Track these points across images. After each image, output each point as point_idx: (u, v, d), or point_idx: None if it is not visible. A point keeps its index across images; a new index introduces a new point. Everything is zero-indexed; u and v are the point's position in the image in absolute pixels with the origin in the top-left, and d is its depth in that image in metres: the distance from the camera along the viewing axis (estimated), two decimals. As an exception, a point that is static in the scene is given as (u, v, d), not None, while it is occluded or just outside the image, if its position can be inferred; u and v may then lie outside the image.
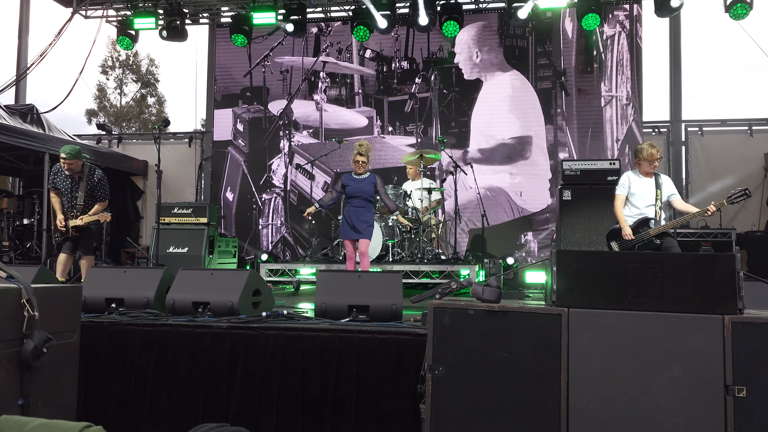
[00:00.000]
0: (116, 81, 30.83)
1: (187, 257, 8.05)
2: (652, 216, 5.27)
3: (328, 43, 10.39)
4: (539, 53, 9.68)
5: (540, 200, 9.52)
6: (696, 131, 9.59)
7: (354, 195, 6.08)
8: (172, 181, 10.59)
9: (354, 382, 3.34)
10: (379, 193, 6.15)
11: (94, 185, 6.10)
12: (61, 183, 6.08)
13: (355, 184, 6.11)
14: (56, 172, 6.11)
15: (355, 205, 6.08)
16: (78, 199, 6.00)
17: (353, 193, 6.09)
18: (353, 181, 6.13)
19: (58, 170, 6.10)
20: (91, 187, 6.07)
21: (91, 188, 6.08)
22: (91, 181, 6.08)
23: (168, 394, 3.53)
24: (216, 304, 3.92)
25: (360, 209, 6.06)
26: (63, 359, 2.63)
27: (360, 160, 6.06)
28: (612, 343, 2.44)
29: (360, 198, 6.06)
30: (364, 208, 6.08)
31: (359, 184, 6.09)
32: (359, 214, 6.05)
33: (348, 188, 6.12)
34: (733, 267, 2.42)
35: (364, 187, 6.07)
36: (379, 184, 6.12)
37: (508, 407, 2.49)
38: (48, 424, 1.10)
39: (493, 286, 2.78)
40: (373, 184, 6.09)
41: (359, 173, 6.11)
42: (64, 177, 6.06)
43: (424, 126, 9.92)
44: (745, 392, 2.30)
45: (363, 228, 6.03)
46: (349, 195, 6.12)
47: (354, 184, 6.11)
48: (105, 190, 6.18)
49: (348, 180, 6.16)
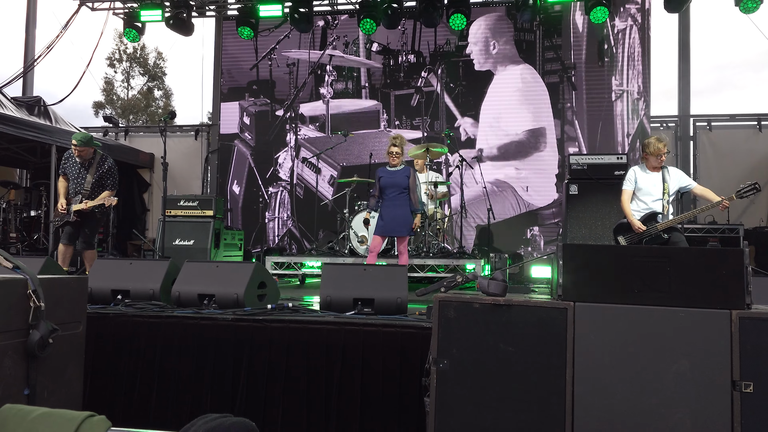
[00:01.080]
0: (123, 74, 30.90)
1: (193, 250, 8.07)
2: (659, 210, 5.24)
3: (335, 36, 10.36)
4: (547, 47, 9.62)
5: (547, 195, 9.49)
6: (704, 126, 9.52)
7: (388, 187, 5.99)
8: (178, 173, 10.61)
9: (359, 375, 3.34)
10: (409, 186, 5.99)
11: (104, 173, 6.11)
12: (70, 168, 6.11)
13: (389, 176, 6.02)
14: (67, 157, 6.16)
15: (389, 198, 5.97)
16: (86, 184, 6.01)
17: (387, 185, 5.99)
18: (387, 173, 6.05)
19: (68, 156, 6.15)
20: (100, 175, 6.08)
21: (101, 176, 6.08)
22: (102, 169, 6.10)
23: (174, 385, 3.54)
24: (221, 296, 3.92)
25: (394, 202, 5.95)
26: (69, 350, 2.64)
27: (393, 151, 5.97)
28: (618, 338, 2.43)
29: (394, 190, 5.96)
30: (398, 200, 5.95)
31: (393, 176, 6.00)
32: (395, 209, 5.93)
33: (382, 180, 6.03)
34: (741, 262, 2.40)
35: (398, 179, 5.97)
36: (412, 176, 6.01)
37: (513, 401, 2.48)
38: (51, 413, 1.10)
39: (498, 279, 2.77)
40: (407, 177, 5.97)
41: (393, 165, 6.03)
42: (74, 163, 6.09)
43: (430, 120, 9.89)
44: (752, 387, 2.29)
45: (401, 226, 5.92)
46: (383, 187, 6.02)
47: (388, 176, 6.03)
48: (114, 179, 6.18)
49: (382, 172, 6.09)
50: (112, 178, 6.16)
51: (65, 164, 6.14)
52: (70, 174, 6.10)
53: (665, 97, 10.26)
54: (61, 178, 6.16)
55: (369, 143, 9.95)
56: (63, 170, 6.15)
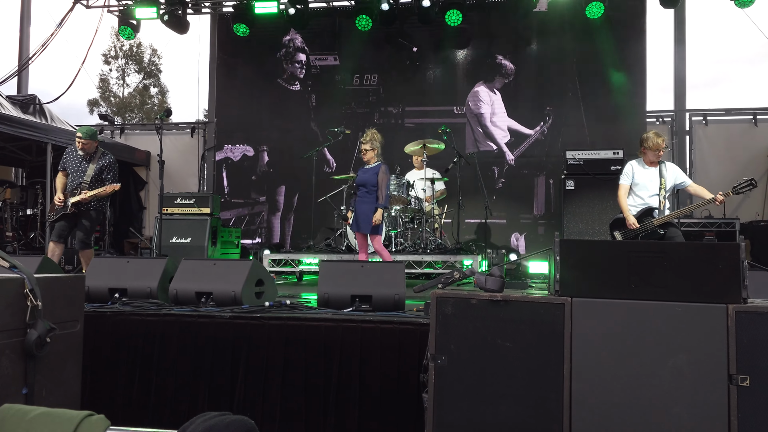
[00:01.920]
0: (119, 71, 30.81)
1: (190, 247, 8.06)
2: (655, 206, 5.25)
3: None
4: (545, 43, 9.61)
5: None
6: (700, 120, 9.54)
7: (360, 185, 5.97)
8: (174, 171, 10.59)
9: (357, 372, 3.34)
10: (378, 183, 5.86)
11: (104, 166, 6.12)
12: (69, 162, 6.10)
13: (362, 174, 6.01)
14: (68, 152, 6.17)
15: (359, 196, 5.97)
16: (86, 177, 6.01)
17: (359, 183, 5.97)
18: (361, 171, 6.05)
19: (69, 151, 6.16)
20: (100, 168, 6.09)
21: (100, 169, 6.09)
22: (102, 162, 6.11)
23: (172, 383, 3.54)
24: (219, 294, 3.92)
25: (363, 199, 5.91)
26: (67, 349, 2.64)
27: (362, 148, 5.97)
28: (615, 333, 2.44)
29: (363, 188, 5.93)
30: (366, 198, 5.90)
31: (364, 174, 5.97)
32: (361, 205, 5.91)
33: (357, 178, 6.05)
34: (737, 256, 2.41)
35: (368, 176, 5.92)
36: (381, 173, 5.87)
37: (511, 396, 2.49)
38: (50, 413, 1.10)
39: (495, 275, 2.78)
40: (376, 174, 5.88)
41: (366, 162, 6.01)
42: (75, 157, 6.10)
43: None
44: (749, 381, 2.30)
45: (363, 223, 5.87)
46: (356, 185, 6.01)
47: (361, 174, 6.02)
48: (114, 173, 6.20)
49: (359, 170, 6.10)
50: (113, 171, 6.17)
51: (65, 159, 6.14)
52: (69, 168, 6.08)
53: (661, 91, 10.26)
54: (60, 173, 6.14)
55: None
56: (62, 166, 6.13)
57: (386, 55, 10.11)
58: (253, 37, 9.96)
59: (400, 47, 10.01)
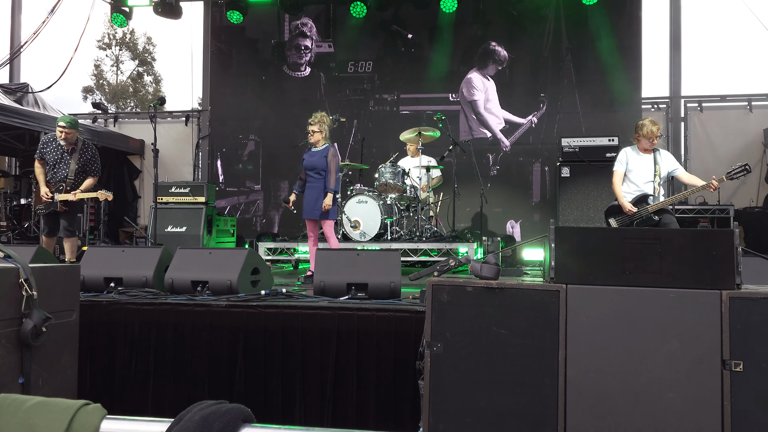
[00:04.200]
0: (112, 59, 30.59)
1: (186, 236, 8.05)
2: (650, 192, 5.26)
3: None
4: (540, 29, 9.57)
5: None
6: (695, 107, 9.54)
7: (307, 168, 5.76)
8: (169, 160, 10.55)
9: (353, 359, 3.36)
10: (327, 167, 5.64)
11: (88, 159, 6.03)
12: (49, 154, 5.94)
13: (309, 157, 5.78)
14: (47, 142, 5.97)
15: (308, 180, 5.75)
16: (69, 173, 5.91)
17: (307, 167, 5.76)
18: (308, 155, 5.82)
19: (49, 140, 5.97)
20: (84, 162, 5.99)
21: (84, 162, 6.00)
22: (85, 155, 6.01)
23: (169, 372, 3.55)
24: (215, 282, 3.93)
25: (312, 185, 5.72)
26: (63, 338, 2.64)
27: (309, 129, 5.76)
28: (610, 319, 2.45)
29: (312, 172, 5.71)
30: (315, 183, 5.69)
31: (312, 158, 5.75)
32: (310, 191, 5.72)
33: (304, 162, 5.81)
34: (731, 242, 2.42)
35: (316, 160, 5.71)
36: (330, 156, 5.67)
37: (506, 383, 2.51)
38: (46, 402, 1.10)
39: (491, 263, 2.78)
40: (325, 157, 5.67)
41: (313, 144, 5.79)
42: (55, 147, 5.94)
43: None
44: (742, 366, 2.32)
45: (312, 209, 5.70)
46: (304, 168, 5.79)
47: (308, 157, 5.79)
48: (97, 165, 6.12)
49: (306, 153, 5.86)
50: (96, 164, 6.09)
51: (44, 149, 5.95)
52: (49, 159, 5.93)
53: (657, 78, 10.25)
54: (37, 162, 5.95)
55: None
56: (41, 155, 5.94)
57: (381, 42, 10.05)
58: (247, 24, 9.88)
59: (395, 34, 9.96)
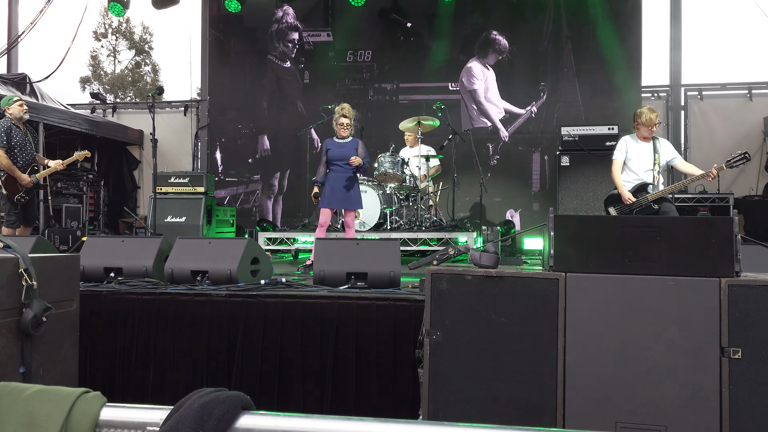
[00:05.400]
0: (109, 48, 30.45)
1: (185, 226, 8.04)
2: (650, 181, 5.25)
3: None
4: (540, 18, 9.52)
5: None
6: (695, 95, 9.51)
7: (336, 160, 5.78)
8: (168, 150, 10.52)
9: (353, 348, 3.37)
10: (367, 158, 5.87)
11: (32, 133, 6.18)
12: (16, 138, 5.88)
13: (337, 148, 5.81)
14: (9, 127, 5.85)
15: (336, 171, 5.78)
16: (34, 148, 6.07)
17: (335, 158, 5.78)
18: (335, 146, 5.83)
19: (10, 126, 5.85)
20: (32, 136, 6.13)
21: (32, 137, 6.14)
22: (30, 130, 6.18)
23: (169, 361, 3.56)
24: (214, 272, 3.93)
25: (342, 175, 5.77)
26: (63, 328, 2.65)
27: (344, 122, 5.79)
28: (609, 307, 2.46)
29: (342, 163, 5.76)
30: (345, 173, 5.78)
31: (342, 149, 5.79)
32: (341, 181, 5.76)
33: (330, 152, 5.81)
34: (730, 230, 2.42)
35: (347, 151, 5.77)
36: (361, 148, 5.82)
37: (505, 371, 2.52)
38: (46, 390, 1.10)
39: (490, 251, 2.79)
40: (356, 149, 5.78)
41: (342, 137, 5.84)
42: (17, 131, 5.89)
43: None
44: (740, 354, 2.33)
45: (351, 197, 5.79)
46: (331, 159, 5.81)
47: (336, 148, 5.82)
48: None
49: (330, 144, 5.86)
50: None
51: (10, 134, 5.82)
52: (17, 144, 5.85)
53: (656, 66, 10.21)
54: (2, 152, 5.75)
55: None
56: (7, 143, 5.78)
57: (380, 31, 10.01)
58: (245, 13, 9.83)
59: (394, 23, 9.91)
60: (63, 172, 9.04)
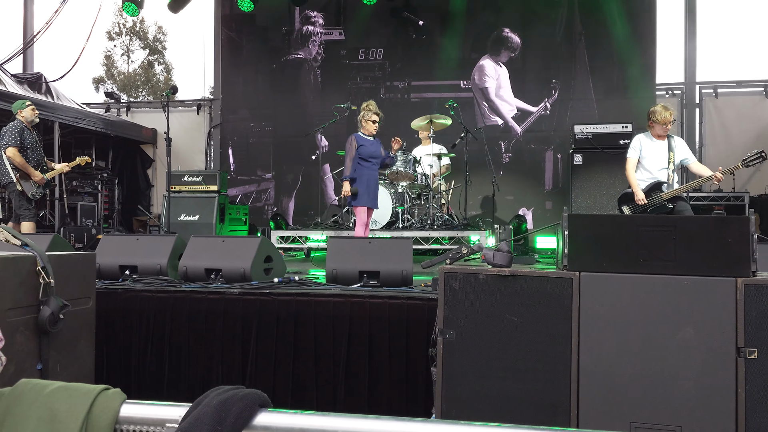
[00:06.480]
0: (123, 48, 30.67)
1: (199, 225, 8.09)
2: (664, 180, 5.22)
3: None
4: (553, 15, 9.47)
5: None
6: (710, 93, 9.43)
7: (370, 157, 5.69)
8: (181, 149, 10.59)
9: (366, 346, 3.38)
10: (385, 155, 5.90)
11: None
12: (28, 138, 6.13)
13: (369, 145, 5.71)
14: (21, 128, 6.08)
15: (370, 168, 5.68)
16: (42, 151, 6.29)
17: (369, 156, 5.68)
18: (367, 142, 5.72)
19: (21, 128, 6.08)
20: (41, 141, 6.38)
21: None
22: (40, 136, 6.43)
23: (185, 358, 3.59)
24: (228, 270, 3.95)
25: (375, 174, 5.74)
26: (80, 325, 2.67)
27: (377, 119, 5.71)
28: (623, 307, 2.44)
29: (375, 160, 5.72)
30: (376, 172, 5.78)
31: (373, 146, 5.72)
32: (375, 179, 5.74)
33: (363, 149, 5.67)
34: (746, 229, 2.40)
35: (377, 149, 5.74)
36: (382, 148, 5.87)
37: (519, 370, 2.51)
38: (66, 387, 1.12)
39: (503, 250, 2.78)
40: (381, 148, 5.80)
41: (371, 134, 5.75)
42: (29, 132, 6.15)
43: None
44: (757, 354, 2.31)
45: (377, 196, 5.81)
46: (365, 157, 5.67)
47: (369, 144, 5.71)
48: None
49: (362, 140, 5.71)
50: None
51: (23, 135, 6.07)
52: (29, 145, 6.12)
53: (671, 63, 10.13)
54: (17, 151, 5.99)
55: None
56: (21, 144, 6.03)
57: (392, 29, 10.01)
58: (258, 12, 9.86)
59: (405, 21, 9.91)
60: (78, 171, 9.15)
